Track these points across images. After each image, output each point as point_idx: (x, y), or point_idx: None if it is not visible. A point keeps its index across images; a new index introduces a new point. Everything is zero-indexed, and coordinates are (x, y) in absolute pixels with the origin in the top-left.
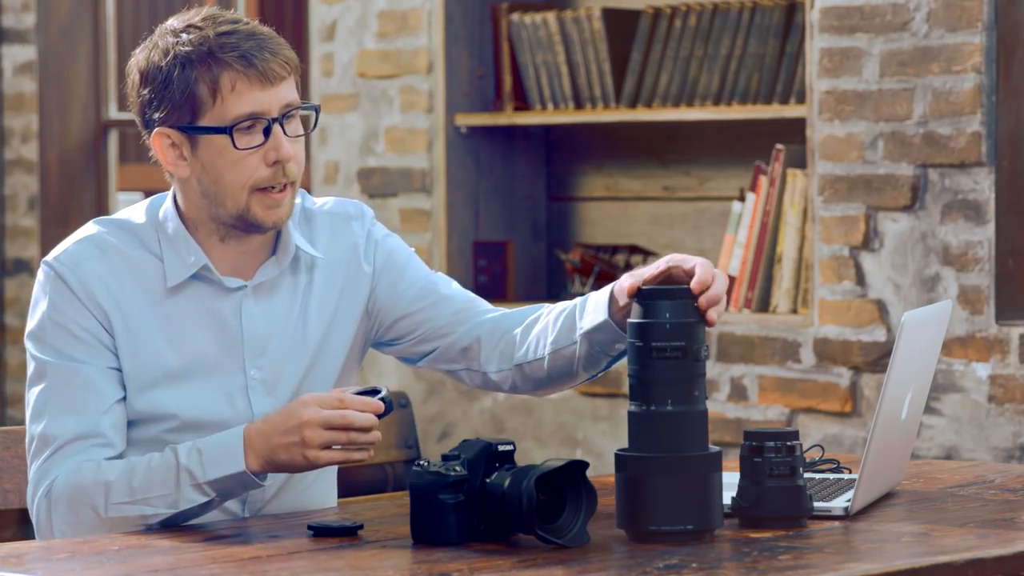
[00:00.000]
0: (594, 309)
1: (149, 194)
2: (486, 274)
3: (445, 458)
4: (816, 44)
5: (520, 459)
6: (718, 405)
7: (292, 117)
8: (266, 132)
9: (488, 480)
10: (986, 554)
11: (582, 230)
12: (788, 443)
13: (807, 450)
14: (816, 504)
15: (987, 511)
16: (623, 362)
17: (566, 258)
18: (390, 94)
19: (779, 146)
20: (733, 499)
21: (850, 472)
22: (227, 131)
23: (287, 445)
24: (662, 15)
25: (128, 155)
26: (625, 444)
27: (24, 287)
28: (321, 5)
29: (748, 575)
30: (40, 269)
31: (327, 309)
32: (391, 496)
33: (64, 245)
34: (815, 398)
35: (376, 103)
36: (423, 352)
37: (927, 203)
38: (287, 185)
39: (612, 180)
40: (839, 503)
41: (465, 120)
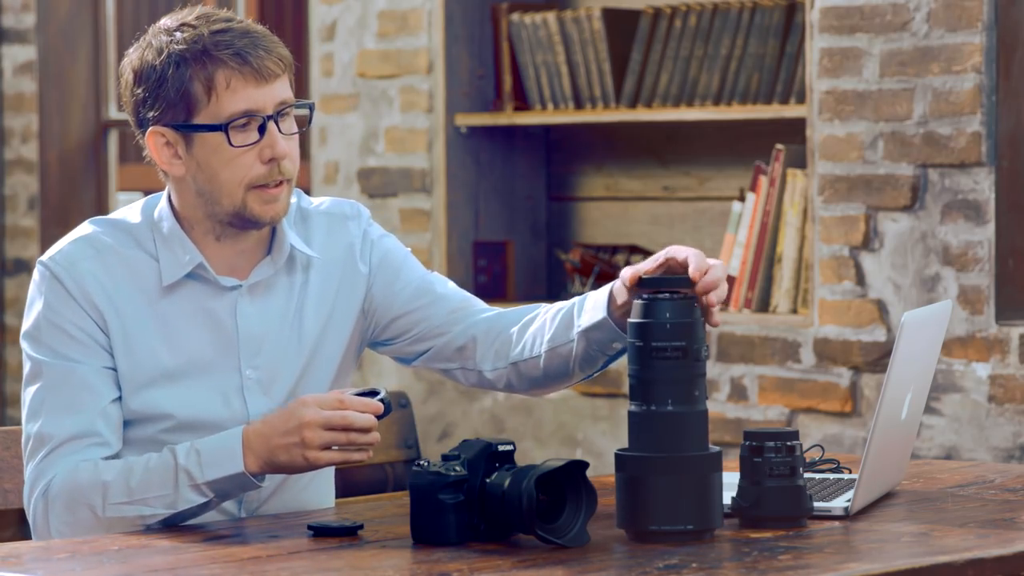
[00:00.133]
0: (593, 307)
1: (149, 194)
2: (486, 274)
3: (445, 458)
4: (816, 44)
5: (520, 459)
6: (718, 405)
7: (287, 115)
8: (261, 130)
9: (488, 480)
10: (986, 554)
11: (582, 230)
12: (788, 443)
13: (807, 450)
14: (816, 504)
15: (987, 511)
16: (623, 362)
17: (566, 258)
18: (390, 94)
19: (779, 146)
20: (733, 499)
21: (850, 472)
22: (222, 128)
23: (287, 446)
24: (662, 15)
25: (128, 155)
26: (625, 444)
27: (24, 287)
28: (321, 5)
29: (748, 575)
30: (36, 269)
31: (323, 309)
32: (391, 496)
33: (59, 245)
34: (815, 398)
35: (376, 103)
36: (418, 351)
37: (927, 203)
38: (283, 182)
39: (612, 180)
40: (839, 503)
41: (465, 120)
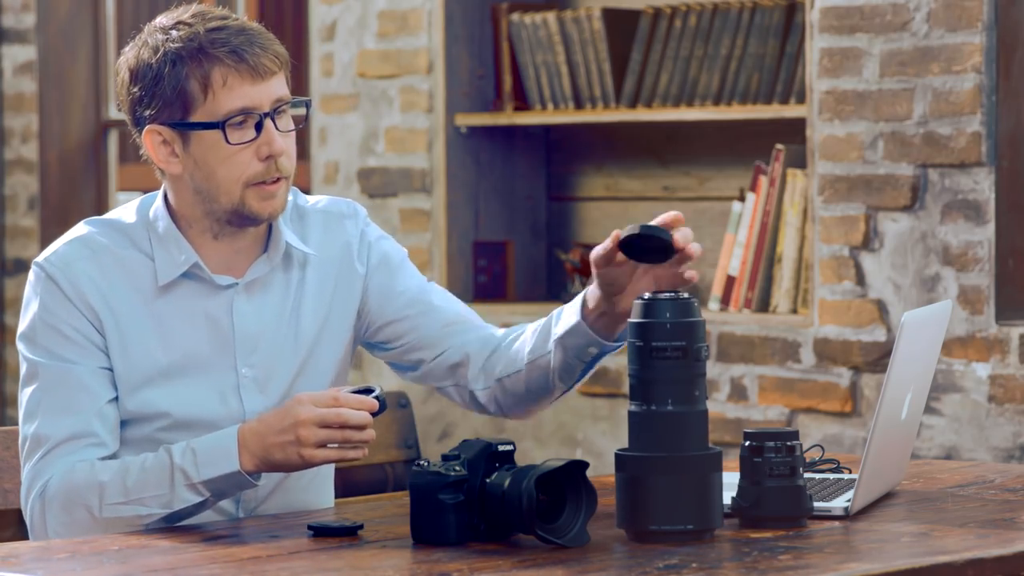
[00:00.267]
0: (567, 314)
1: (149, 194)
2: (486, 274)
3: (445, 458)
4: (816, 44)
5: (520, 459)
6: (718, 405)
7: (283, 112)
8: (258, 127)
9: (488, 480)
10: (986, 554)
11: (582, 230)
12: (788, 443)
13: (807, 450)
14: (816, 504)
15: (987, 511)
16: (623, 362)
17: (566, 258)
18: (390, 94)
19: (779, 146)
20: (733, 499)
21: (850, 472)
22: (219, 126)
23: (282, 444)
24: (662, 15)
25: (128, 155)
26: (625, 444)
27: (24, 287)
28: (321, 5)
29: (748, 575)
30: (31, 270)
31: (321, 308)
32: (391, 496)
33: (55, 246)
34: (815, 398)
35: (376, 103)
36: (411, 362)
37: (927, 203)
38: (280, 178)
39: (612, 180)
40: (839, 503)
41: (465, 120)
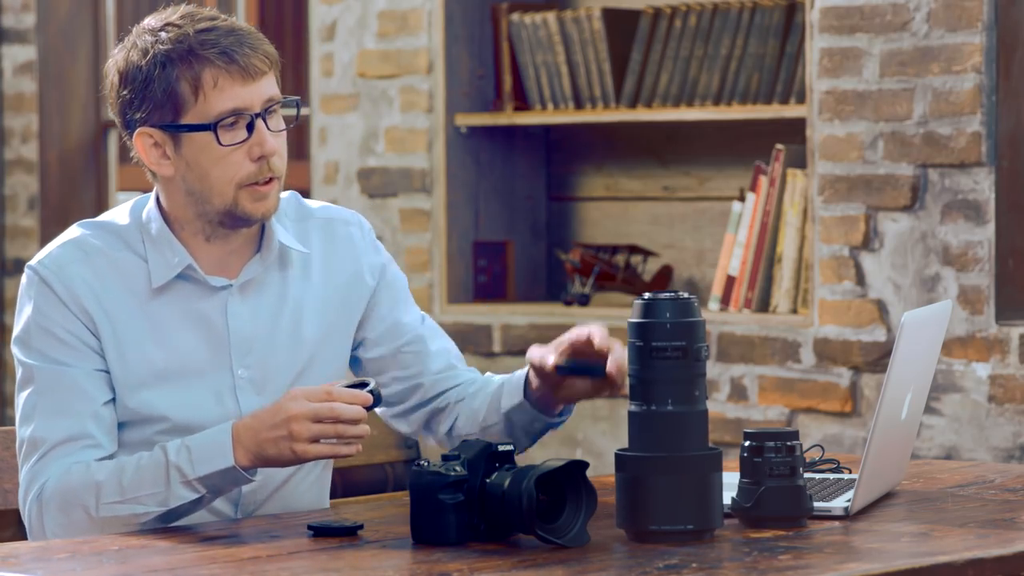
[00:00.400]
0: (512, 390)
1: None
2: (486, 274)
3: (445, 458)
4: (816, 44)
5: (520, 459)
6: (718, 405)
7: (274, 112)
8: (249, 127)
9: (488, 480)
10: (986, 554)
11: (582, 230)
12: (788, 443)
13: (807, 450)
14: (816, 504)
15: (987, 511)
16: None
17: (566, 258)
18: (390, 94)
19: (779, 146)
20: (733, 499)
21: (850, 472)
22: (211, 128)
23: (275, 439)
24: (662, 15)
25: (128, 155)
26: (625, 444)
27: None
28: (321, 5)
29: (748, 575)
30: (24, 273)
31: (327, 311)
32: (391, 496)
33: (48, 249)
34: (815, 398)
35: (376, 103)
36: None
37: (927, 203)
38: (273, 179)
39: (612, 180)
40: (839, 503)
41: (465, 120)
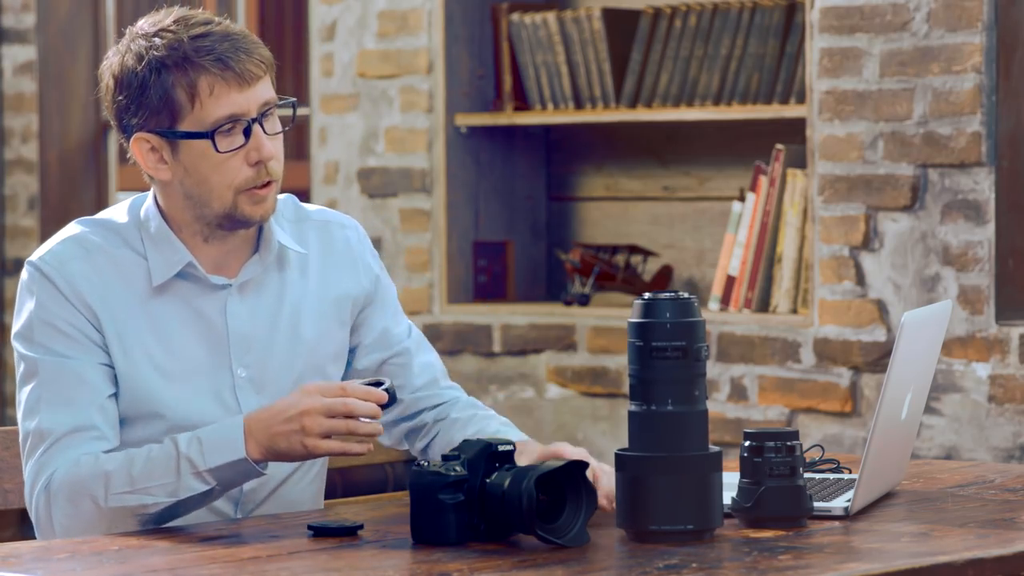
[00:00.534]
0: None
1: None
2: (486, 274)
3: (445, 458)
4: (816, 44)
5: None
6: (718, 405)
7: (270, 115)
8: (246, 132)
9: (488, 480)
10: (986, 554)
11: (582, 230)
12: (788, 443)
13: (807, 450)
14: (816, 504)
15: (987, 511)
16: (624, 362)
17: (566, 258)
18: (390, 94)
19: (779, 146)
20: (733, 499)
21: (850, 472)
22: (208, 136)
23: (287, 433)
24: (662, 15)
25: (127, 155)
26: (625, 444)
27: None
28: (321, 5)
29: (748, 575)
30: (24, 270)
31: (324, 311)
32: (391, 496)
33: (48, 245)
34: (815, 398)
35: (376, 103)
36: None
37: (927, 203)
38: (270, 182)
39: (612, 180)
40: (839, 503)
41: (465, 120)
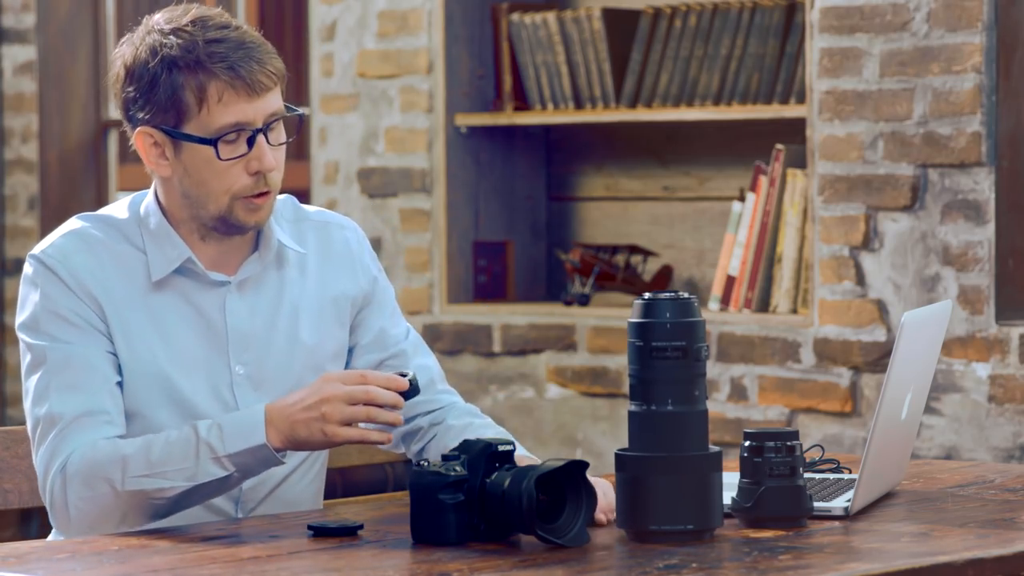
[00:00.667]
0: None
1: None
2: (486, 274)
3: (445, 458)
4: (816, 44)
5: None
6: (718, 405)
7: (276, 125)
8: (250, 142)
9: (488, 480)
10: (986, 554)
11: (582, 230)
12: (788, 443)
13: (807, 450)
14: (816, 504)
15: (987, 511)
16: (623, 362)
17: (566, 258)
18: (390, 94)
19: (779, 146)
20: (733, 499)
21: (850, 472)
22: (212, 143)
23: (306, 420)
24: (662, 15)
25: (128, 155)
26: (625, 444)
27: None
28: (321, 5)
29: (748, 575)
30: (27, 263)
31: (323, 312)
32: (391, 496)
33: (50, 239)
34: (815, 398)
35: (376, 103)
36: None
37: (927, 203)
38: (267, 192)
39: (612, 180)
40: (839, 503)
41: (465, 120)
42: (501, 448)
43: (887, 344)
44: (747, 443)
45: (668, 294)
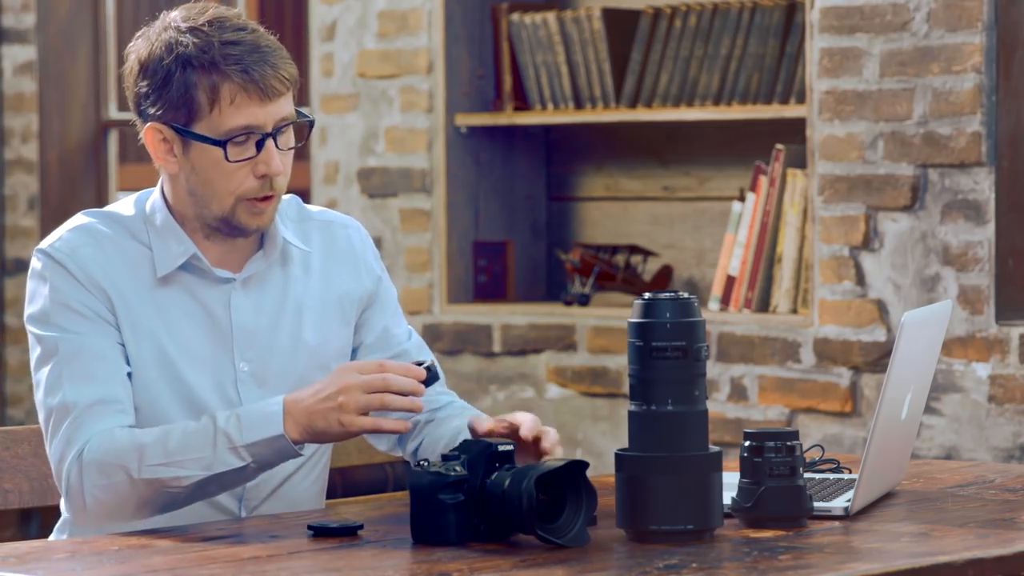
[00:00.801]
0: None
1: None
2: (486, 274)
3: (445, 458)
4: (816, 44)
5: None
6: (718, 405)
7: (285, 130)
8: (259, 145)
9: (488, 480)
10: (986, 554)
11: (582, 230)
12: (788, 443)
13: (807, 450)
14: (816, 504)
15: (987, 511)
16: (623, 362)
17: (566, 258)
18: (390, 94)
19: (779, 146)
20: (733, 499)
21: (850, 472)
22: (221, 144)
23: (324, 411)
24: (662, 15)
25: (128, 155)
26: (625, 444)
27: (24, 287)
28: (321, 5)
29: (748, 575)
30: (34, 258)
31: (327, 311)
32: (391, 496)
33: (57, 233)
34: (815, 398)
35: (376, 103)
36: None
37: (927, 203)
38: (272, 195)
39: (612, 180)
40: (839, 503)
41: (465, 120)
42: (501, 448)
43: (887, 344)
44: (747, 443)
45: (668, 294)
